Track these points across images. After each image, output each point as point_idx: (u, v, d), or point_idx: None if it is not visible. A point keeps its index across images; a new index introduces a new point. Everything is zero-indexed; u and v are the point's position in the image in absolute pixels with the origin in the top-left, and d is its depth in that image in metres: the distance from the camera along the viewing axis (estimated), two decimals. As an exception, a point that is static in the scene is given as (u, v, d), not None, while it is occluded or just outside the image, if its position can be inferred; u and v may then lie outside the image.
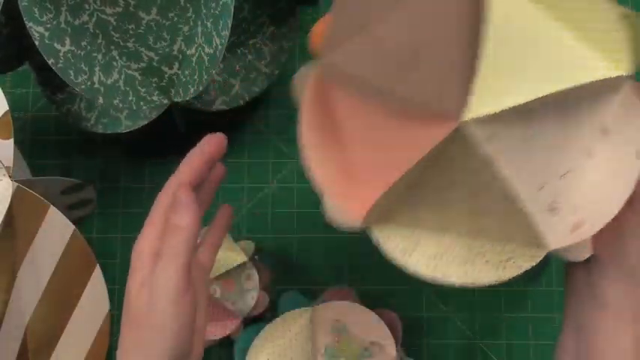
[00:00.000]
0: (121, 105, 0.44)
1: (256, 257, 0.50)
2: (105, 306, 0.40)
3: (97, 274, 0.40)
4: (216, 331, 0.48)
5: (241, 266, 0.48)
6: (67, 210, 0.45)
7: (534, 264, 0.29)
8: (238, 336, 0.47)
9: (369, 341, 0.42)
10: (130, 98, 0.45)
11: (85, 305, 0.40)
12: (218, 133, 0.38)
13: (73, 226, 0.39)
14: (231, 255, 0.47)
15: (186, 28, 0.44)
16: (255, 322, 0.48)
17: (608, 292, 0.31)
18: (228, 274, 0.48)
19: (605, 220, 0.27)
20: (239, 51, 0.50)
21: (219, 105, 0.49)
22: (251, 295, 0.47)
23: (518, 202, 0.27)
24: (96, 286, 0.40)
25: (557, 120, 0.26)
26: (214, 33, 0.42)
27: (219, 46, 0.41)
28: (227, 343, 0.49)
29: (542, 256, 0.29)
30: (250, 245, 0.49)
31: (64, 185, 0.43)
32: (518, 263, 0.29)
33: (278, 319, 0.45)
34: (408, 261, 0.31)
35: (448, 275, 0.30)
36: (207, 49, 0.43)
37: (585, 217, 0.28)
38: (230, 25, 0.40)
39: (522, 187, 0.26)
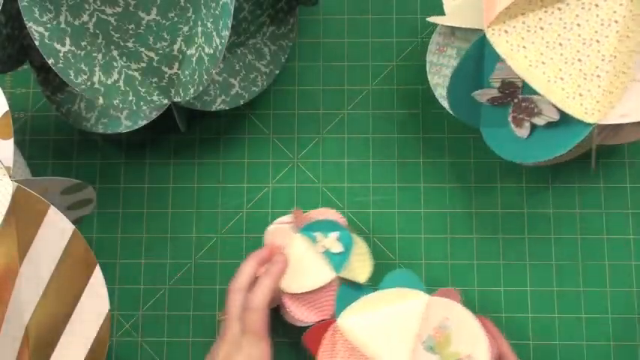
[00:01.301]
0: (121, 105, 0.44)
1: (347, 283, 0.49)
2: (105, 306, 0.40)
3: (97, 274, 0.40)
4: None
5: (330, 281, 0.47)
6: (67, 210, 0.45)
7: (581, 121, 0.40)
8: (339, 288, 0.46)
9: (466, 354, 0.42)
10: (130, 98, 0.45)
11: (85, 305, 0.40)
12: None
13: (73, 226, 0.39)
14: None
15: (186, 28, 0.44)
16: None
17: None
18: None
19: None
20: (239, 51, 0.50)
21: (219, 105, 0.49)
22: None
23: (615, 69, 0.39)
24: (96, 286, 0.40)
25: None
26: (214, 33, 0.42)
27: (219, 46, 0.41)
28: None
29: (590, 125, 0.39)
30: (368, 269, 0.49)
31: (64, 185, 0.42)
32: (575, 109, 0.40)
33: (389, 290, 0.44)
34: (512, 60, 0.40)
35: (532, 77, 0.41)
36: (207, 49, 0.43)
37: (631, 113, 0.39)
38: (230, 25, 0.40)
39: (621, 60, 0.38)
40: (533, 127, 0.43)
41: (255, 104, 0.55)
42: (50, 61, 0.41)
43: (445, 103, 0.47)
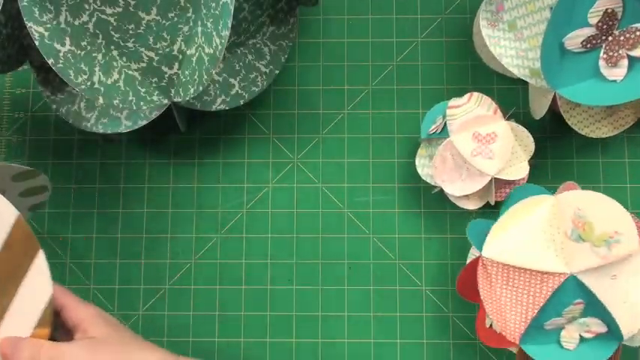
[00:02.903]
0: (121, 105, 0.44)
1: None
2: (47, 293, 0.40)
3: (41, 261, 0.40)
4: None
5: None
6: (20, 197, 0.44)
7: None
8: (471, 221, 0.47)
9: (613, 231, 0.41)
10: (130, 98, 0.45)
11: (26, 293, 0.39)
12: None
13: (16, 213, 0.39)
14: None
15: (186, 28, 0.44)
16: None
17: None
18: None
19: None
20: (239, 51, 0.50)
21: (219, 105, 0.49)
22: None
23: None
24: (39, 273, 0.40)
25: None
26: (214, 33, 0.42)
27: (219, 46, 0.41)
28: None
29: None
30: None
31: (14, 171, 0.42)
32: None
33: (517, 205, 0.44)
34: None
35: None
36: (207, 49, 0.43)
37: None
38: (230, 25, 0.40)
39: None
40: (630, 64, 0.43)
41: (255, 104, 0.55)
42: (50, 61, 0.41)
43: (515, 70, 0.47)
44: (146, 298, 0.53)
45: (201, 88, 0.44)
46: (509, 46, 0.47)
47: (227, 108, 0.50)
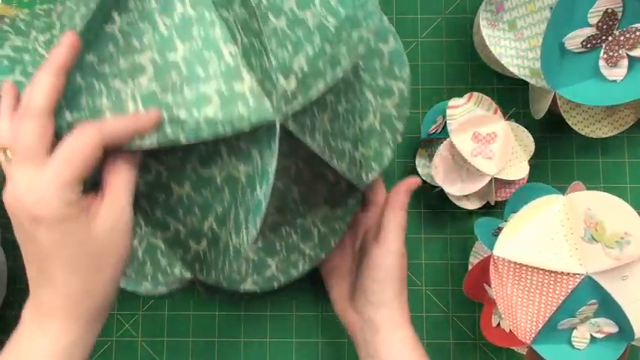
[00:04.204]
0: (134, 275, 0.40)
1: None
2: None
3: None
4: None
5: None
6: None
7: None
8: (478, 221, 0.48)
9: (623, 231, 0.41)
10: (147, 269, 0.41)
11: None
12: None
13: None
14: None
15: (219, 209, 0.40)
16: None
17: (377, 319, 0.43)
18: None
19: None
20: (283, 230, 0.42)
21: (249, 285, 0.41)
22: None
23: None
24: None
25: None
26: (243, 224, 0.38)
27: (244, 244, 0.38)
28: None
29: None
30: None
31: None
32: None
33: (529, 205, 0.44)
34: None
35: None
36: (234, 239, 0.39)
37: None
38: (259, 226, 0.36)
39: None
40: (630, 64, 0.43)
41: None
42: None
43: (515, 70, 0.47)
44: (146, 298, 0.53)
45: (222, 278, 0.39)
46: (509, 46, 0.47)
47: (257, 290, 0.41)
